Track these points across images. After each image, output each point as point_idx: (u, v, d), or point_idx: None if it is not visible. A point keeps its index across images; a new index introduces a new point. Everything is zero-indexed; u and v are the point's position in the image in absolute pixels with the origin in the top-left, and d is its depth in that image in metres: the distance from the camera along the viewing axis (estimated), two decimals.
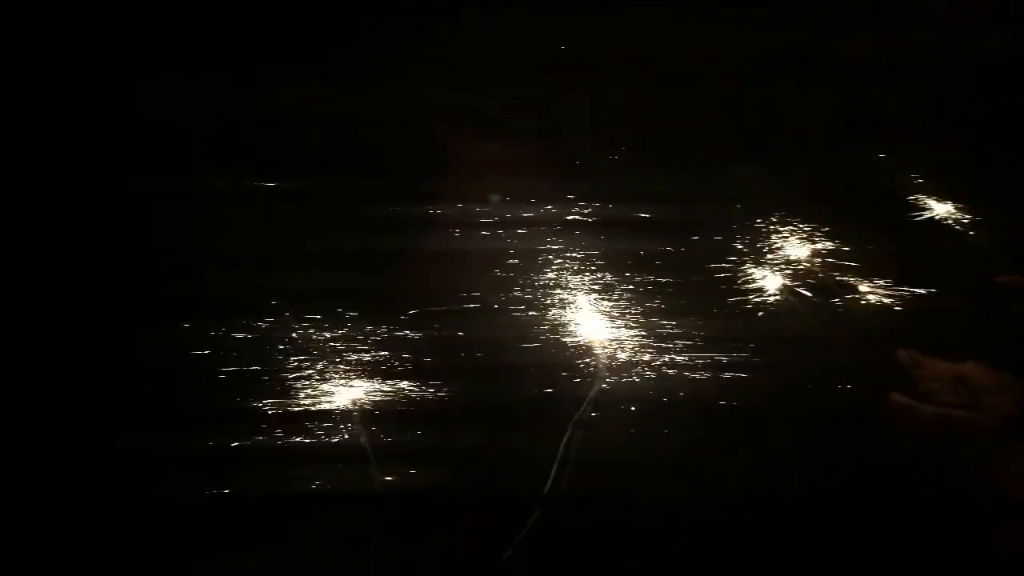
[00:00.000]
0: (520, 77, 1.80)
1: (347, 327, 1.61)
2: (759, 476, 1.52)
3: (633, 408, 1.56)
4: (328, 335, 1.61)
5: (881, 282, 1.68)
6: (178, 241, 1.67)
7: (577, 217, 1.73)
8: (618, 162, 1.79)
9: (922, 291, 1.66)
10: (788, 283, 1.68)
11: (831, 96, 1.81)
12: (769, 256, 1.71)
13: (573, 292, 1.66)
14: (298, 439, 1.53)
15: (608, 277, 1.68)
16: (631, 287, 1.67)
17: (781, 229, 1.73)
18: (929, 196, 1.77)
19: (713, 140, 1.79)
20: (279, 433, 1.53)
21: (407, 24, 1.85)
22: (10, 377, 1.56)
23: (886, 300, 1.66)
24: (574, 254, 1.70)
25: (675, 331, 1.62)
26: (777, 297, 1.67)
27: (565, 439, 1.52)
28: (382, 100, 1.78)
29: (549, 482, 1.49)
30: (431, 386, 1.57)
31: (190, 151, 1.73)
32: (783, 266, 1.70)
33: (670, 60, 1.81)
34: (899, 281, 1.67)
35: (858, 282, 1.68)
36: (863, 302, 1.67)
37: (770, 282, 1.68)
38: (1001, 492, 1.36)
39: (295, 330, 1.61)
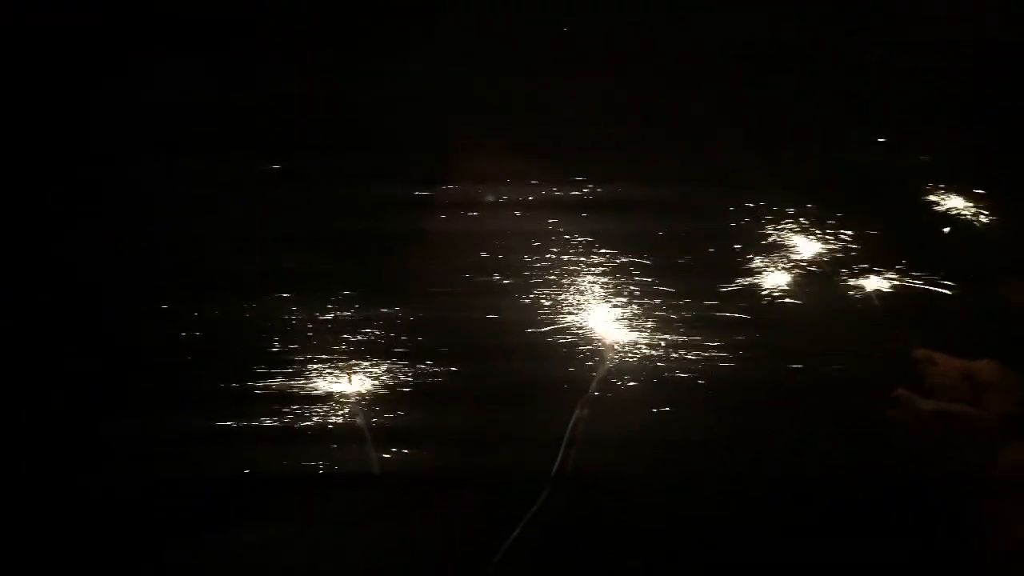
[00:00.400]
0: (521, 64, 1.79)
1: (353, 308, 1.61)
2: (758, 461, 1.52)
3: (637, 388, 1.56)
4: (331, 316, 1.61)
5: (882, 268, 1.67)
6: (179, 226, 1.67)
7: (579, 199, 1.72)
8: (619, 146, 1.78)
9: (922, 278, 1.66)
10: (790, 268, 1.67)
11: (832, 84, 1.80)
12: (772, 241, 1.70)
13: (576, 274, 1.66)
14: (300, 421, 1.54)
15: (611, 259, 1.67)
16: (635, 269, 1.66)
17: (783, 215, 1.72)
18: (930, 183, 1.76)
19: (714, 126, 1.78)
20: (280, 415, 1.53)
21: (407, 20, 1.85)
22: (10, 377, 1.56)
23: (887, 286, 1.66)
24: (577, 236, 1.69)
25: (679, 314, 1.62)
26: (780, 281, 1.66)
27: (572, 420, 1.51)
28: (384, 88, 1.77)
29: (556, 463, 1.48)
30: (433, 367, 1.57)
31: (190, 141, 1.73)
32: (785, 251, 1.69)
33: (671, 48, 1.81)
34: (900, 267, 1.67)
35: (859, 268, 1.67)
36: (864, 288, 1.66)
37: (773, 267, 1.67)
38: (1000, 489, 1.35)
39: (299, 311, 1.61)
